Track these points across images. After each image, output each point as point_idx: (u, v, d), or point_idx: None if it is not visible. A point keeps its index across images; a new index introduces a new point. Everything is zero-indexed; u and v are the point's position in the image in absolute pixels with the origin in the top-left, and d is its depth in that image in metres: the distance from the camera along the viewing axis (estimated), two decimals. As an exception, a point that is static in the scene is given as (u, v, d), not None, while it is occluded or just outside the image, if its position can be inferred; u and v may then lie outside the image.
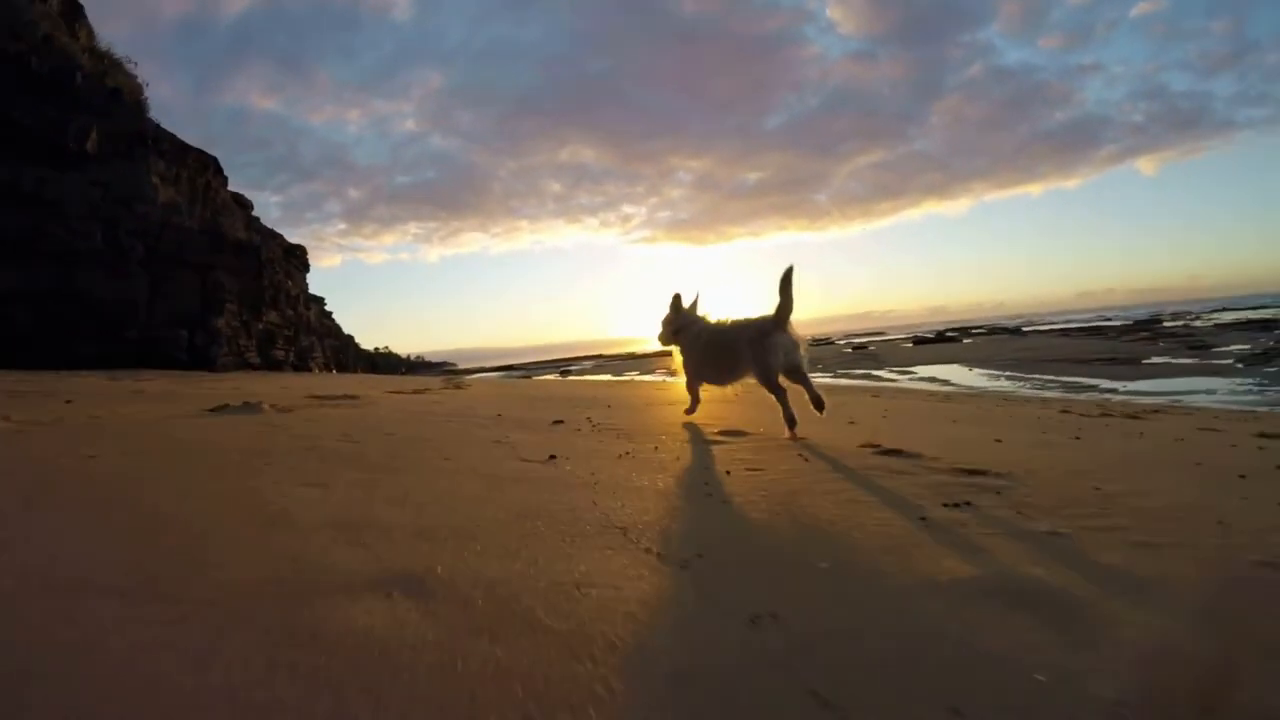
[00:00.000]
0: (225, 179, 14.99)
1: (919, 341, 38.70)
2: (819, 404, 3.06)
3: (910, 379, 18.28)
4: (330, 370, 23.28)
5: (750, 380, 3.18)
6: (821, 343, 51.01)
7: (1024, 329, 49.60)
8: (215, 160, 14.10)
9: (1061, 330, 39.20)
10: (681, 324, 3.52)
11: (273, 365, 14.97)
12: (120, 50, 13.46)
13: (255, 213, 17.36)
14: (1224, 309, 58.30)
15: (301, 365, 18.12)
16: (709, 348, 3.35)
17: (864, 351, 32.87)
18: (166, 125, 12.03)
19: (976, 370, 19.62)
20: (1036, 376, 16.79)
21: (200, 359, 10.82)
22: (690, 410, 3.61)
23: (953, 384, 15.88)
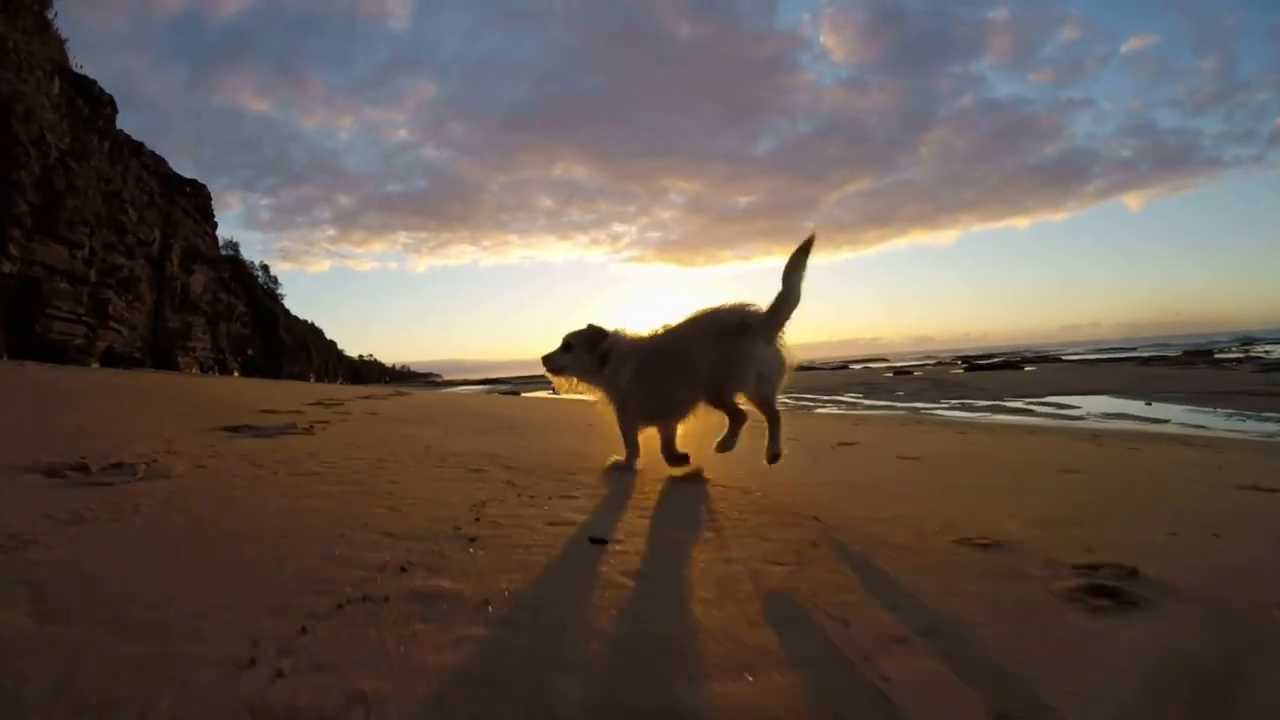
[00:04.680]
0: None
1: (970, 369, 33.95)
2: (774, 456, 2.44)
3: (1089, 416, 12.55)
4: (232, 372, 15.92)
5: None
6: (838, 368, 48.44)
7: (1062, 358, 46.12)
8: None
9: (1130, 359, 35.12)
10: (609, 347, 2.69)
11: (47, 353, 8.01)
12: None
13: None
14: (1250, 340, 56.51)
15: (161, 360, 11.09)
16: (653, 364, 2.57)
17: (910, 377, 28.41)
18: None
19: (1162, 405, 13.96)
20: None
21: None
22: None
23: (1203, 428, 10.28)
